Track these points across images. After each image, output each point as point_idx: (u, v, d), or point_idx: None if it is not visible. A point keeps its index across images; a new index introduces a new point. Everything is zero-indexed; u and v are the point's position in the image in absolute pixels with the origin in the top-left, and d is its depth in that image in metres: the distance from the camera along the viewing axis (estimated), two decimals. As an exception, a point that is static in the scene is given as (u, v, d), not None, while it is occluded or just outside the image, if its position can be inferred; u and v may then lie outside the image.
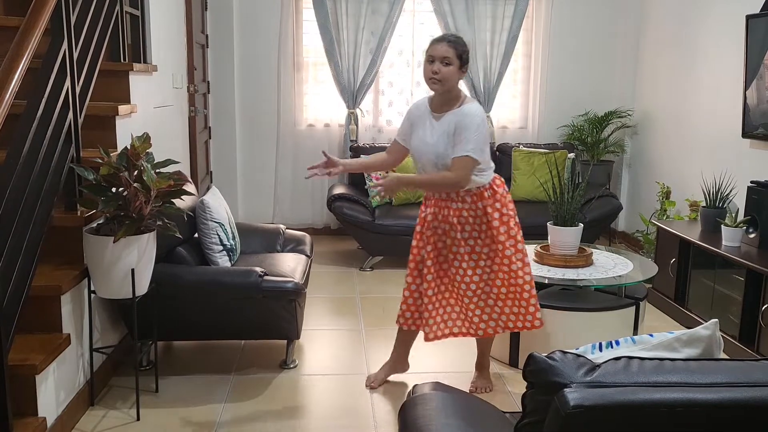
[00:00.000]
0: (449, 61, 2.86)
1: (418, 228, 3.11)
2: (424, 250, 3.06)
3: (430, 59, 2.89)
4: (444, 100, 2.94)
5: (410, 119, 3.05)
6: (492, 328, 3.09)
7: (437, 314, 3.05)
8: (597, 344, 1.49)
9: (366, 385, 3.26)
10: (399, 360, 3.32)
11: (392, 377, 3.31)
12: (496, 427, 1.77)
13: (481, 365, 3.30)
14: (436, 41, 2.92)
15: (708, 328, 1.47)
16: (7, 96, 2.32)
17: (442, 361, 3.59)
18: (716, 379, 1.24)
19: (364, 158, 3.14)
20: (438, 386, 1.96)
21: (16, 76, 2.38)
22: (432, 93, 2.99)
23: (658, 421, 1.19)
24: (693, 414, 1.19)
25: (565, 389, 1.21)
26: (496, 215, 2.98)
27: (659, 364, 1.30)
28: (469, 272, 3.02)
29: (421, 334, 3.13)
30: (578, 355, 1.32)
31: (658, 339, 1.48)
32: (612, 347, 1.48)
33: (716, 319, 1.52)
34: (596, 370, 1.28)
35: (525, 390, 1.37)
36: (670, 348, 1.45)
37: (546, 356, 1.31)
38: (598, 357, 1.41)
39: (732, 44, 4.41)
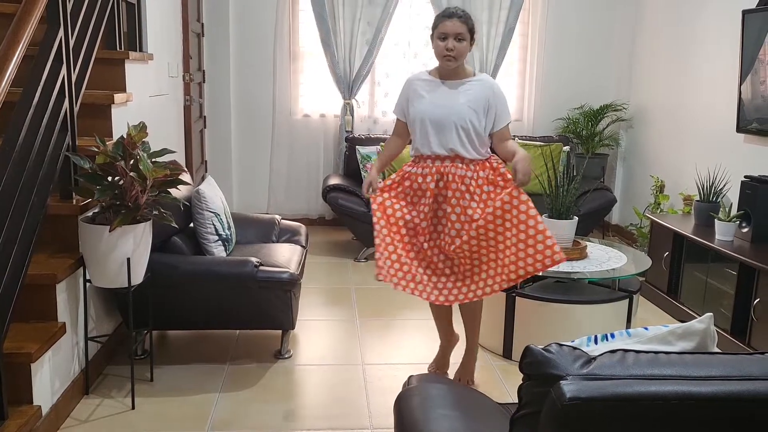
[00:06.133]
0: (462, 36, 2.87)
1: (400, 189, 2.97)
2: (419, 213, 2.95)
3: (442, 36, 2.87)
4: (456, 71, 2.95)
5: (408, 92, 3.07)
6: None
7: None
8: (592, 337, 1.50)
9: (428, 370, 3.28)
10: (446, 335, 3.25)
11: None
12: (492, 419, 1.78)
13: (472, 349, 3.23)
14: (445, 17, 2.89)
15: (703, 322, 1.48)
16: (3, 83, 2.31)
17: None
18: (711, 372, 1.25)
19: (381, 155, 3.18)
20: (433, 377, 1.97)
21: (12, 64, 2.38)
22: (431, 67, 3.06)
23: (653, 414, 1.21)
24: (688, 406, 1.20)
25: (561, 381, 1.22)
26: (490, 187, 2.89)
27: (654, 357, 1.31)
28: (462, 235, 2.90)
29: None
30: (574, 348, 1.33)
31: (653, 332, 1.49)
32: (607, 340, 1.49)
33: (711, 313, 1.53)
34: (592, 362, 1.28)
35: (520, 382, 1.38)
36: (665, 341, 1.46)
37: (542, 348, 1.32)
38: (593, 350, 1.42)
39: (727, 39, 4.42)
